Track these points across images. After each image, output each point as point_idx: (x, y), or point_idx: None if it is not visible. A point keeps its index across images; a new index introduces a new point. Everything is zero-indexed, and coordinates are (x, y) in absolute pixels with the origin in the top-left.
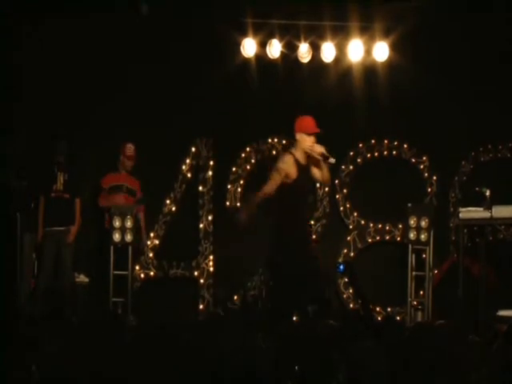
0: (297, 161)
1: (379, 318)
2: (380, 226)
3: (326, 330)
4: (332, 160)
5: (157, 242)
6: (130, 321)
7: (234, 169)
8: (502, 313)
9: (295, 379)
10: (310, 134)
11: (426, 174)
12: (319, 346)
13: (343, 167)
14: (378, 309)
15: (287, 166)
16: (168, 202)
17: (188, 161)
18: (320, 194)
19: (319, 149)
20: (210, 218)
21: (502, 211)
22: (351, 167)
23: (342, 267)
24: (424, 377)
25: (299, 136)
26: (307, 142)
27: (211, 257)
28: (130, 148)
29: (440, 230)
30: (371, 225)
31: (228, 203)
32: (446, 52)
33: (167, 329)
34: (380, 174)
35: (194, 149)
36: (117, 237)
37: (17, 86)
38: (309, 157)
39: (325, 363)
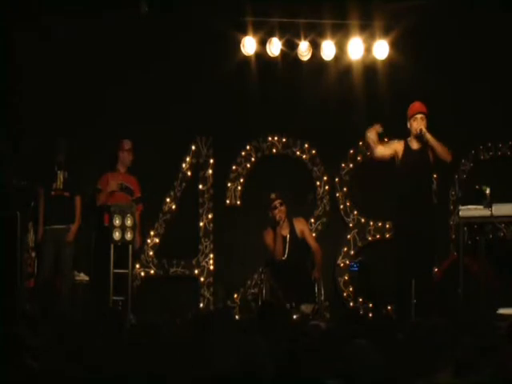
0: (407, 146)
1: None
2: (380, 224)
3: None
4: (426, 137)
5: (157, 240)
6: (130, 319)
7: (234, 167)
8: (502, 311)
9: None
10: (412, 116)
11: None
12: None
13: (343, 165)
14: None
15: (393, 146)
16: (168, 200)
17: (188, 159)
18: (320, 192)
19: (418, 126)
20: (210, 216)
21: (502, 209)
22: (351, 165)
23: (356, 266)
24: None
25: (408, 122)
26: (413, 126)
27: (211, 255)
28: (127, 142)
29: (440, 228)
30: (371, 223)
31: (228, 201)
32: (446, 50)
33: (166, 327)
34: (380, 172)
35: (194, 147)
36: (117, 235)
37: (17, 85)
38: (422, 142)
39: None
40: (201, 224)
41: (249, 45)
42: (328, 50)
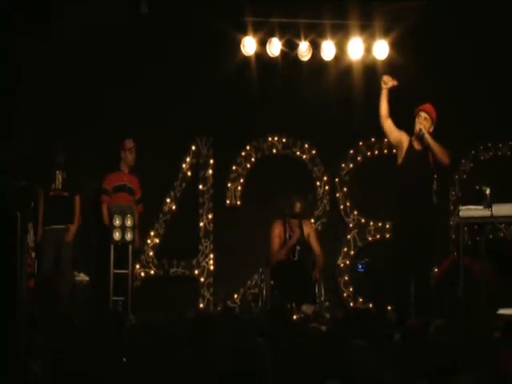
0: (411, 144)
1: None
2: (380, 224)
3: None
4: (424, 137)
5: (157, 240)
6: (130, 319)
7: (234, 167)
8: (502, 311)
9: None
10: (416, 114)
11: None
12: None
13: (343, 165)
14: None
15: (402, 135)
16: (168, 200)
17: (188, 159)
18: (320, 192)
19: (419, 124)
20: (210, 216)
21: (502, 209)
22: (351, 165)
23: (361, 267)
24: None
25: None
26: (416, 123)
27: (211, 255)
28: (129, 142)
29: (440, 229)
30: (371, 223)
31: (228, 202)
32: (446, 50)
33: (167, 328)
34: (380, 172)
35: (194, 147)
36: (117, 235)
37: (17, 85)
38: (423, 143)
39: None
40: (201, 224)
41: (249, 45)
42: (328, 50)
